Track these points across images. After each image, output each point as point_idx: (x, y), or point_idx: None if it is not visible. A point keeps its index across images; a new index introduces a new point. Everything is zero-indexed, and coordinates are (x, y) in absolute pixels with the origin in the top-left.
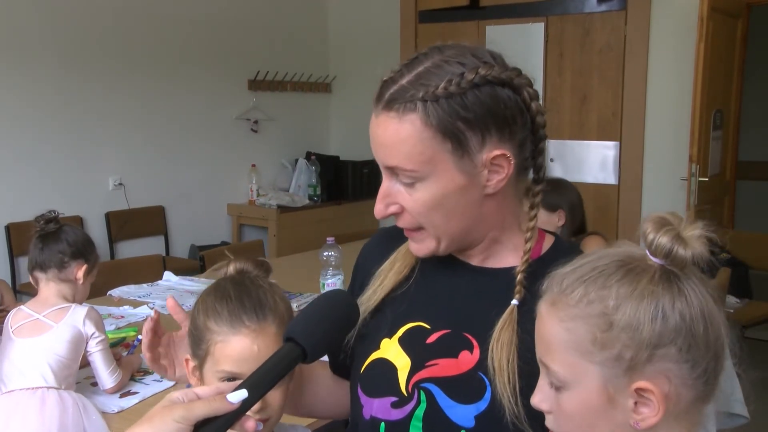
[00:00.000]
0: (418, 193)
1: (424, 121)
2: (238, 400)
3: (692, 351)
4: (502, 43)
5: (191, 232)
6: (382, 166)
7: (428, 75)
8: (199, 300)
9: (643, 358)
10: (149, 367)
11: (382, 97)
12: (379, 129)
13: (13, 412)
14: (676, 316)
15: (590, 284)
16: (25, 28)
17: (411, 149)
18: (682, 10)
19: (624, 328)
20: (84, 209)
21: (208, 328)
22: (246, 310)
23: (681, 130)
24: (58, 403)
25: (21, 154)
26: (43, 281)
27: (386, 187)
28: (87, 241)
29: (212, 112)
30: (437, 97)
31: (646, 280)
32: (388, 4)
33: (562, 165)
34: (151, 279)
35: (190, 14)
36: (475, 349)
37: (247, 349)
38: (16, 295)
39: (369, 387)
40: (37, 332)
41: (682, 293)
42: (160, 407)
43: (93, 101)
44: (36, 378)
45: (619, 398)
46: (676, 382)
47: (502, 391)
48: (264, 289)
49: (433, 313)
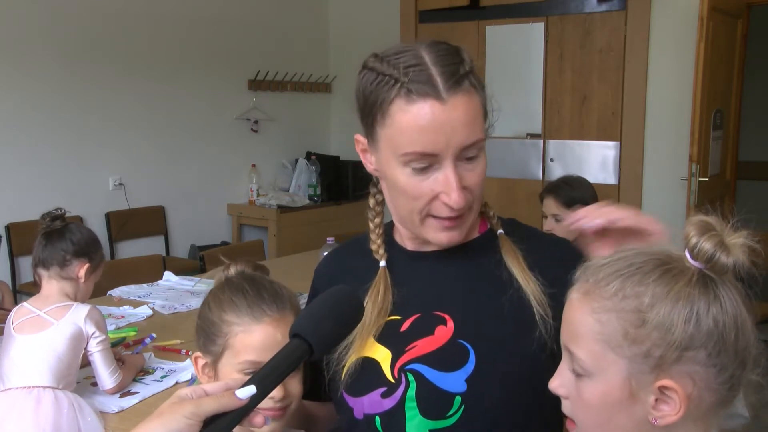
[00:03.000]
0: (479, 165)
1: (475, 88)
2: (246, 395)
3: (721, 356)
4: (502, 43)
5: (191, 232)
6: (456, 149)
7: (449, 54)
8: (210, 297)
9: (672, 358)
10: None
11: (446, 83)
12: (455, 112)
13: (9, 411)
14: (709, 321)
15: (627, 279)
16: (25, 28)
17: (480, 119)
18: (682, 10)
19: (656, 327)
20: (84, 209)
21: (226, 321)
22: (266, 301)
23: (681, 130)
24: (54, 403)
25: (21, 154)
26: (45, 278)
27: (458, 174)
28: (92, 241)
29: (212, 112)
30: (473, 68)
31: (683, 283)
32: (388, 4)
33: (562, 165)
34: (151, 279)
35: (190, 14)
36: (449, 321)
37: (271, 337)
38: (16, 295)
39: (354, 387)
40: (37, 329)
41: (717, 299)
42: (169, 404)
43: (93, 101)
44: (33, 376)
45: (641, 394)
46: (700, 385)
47: (485, 351)
48: (276, 283)
49: (401, 305)
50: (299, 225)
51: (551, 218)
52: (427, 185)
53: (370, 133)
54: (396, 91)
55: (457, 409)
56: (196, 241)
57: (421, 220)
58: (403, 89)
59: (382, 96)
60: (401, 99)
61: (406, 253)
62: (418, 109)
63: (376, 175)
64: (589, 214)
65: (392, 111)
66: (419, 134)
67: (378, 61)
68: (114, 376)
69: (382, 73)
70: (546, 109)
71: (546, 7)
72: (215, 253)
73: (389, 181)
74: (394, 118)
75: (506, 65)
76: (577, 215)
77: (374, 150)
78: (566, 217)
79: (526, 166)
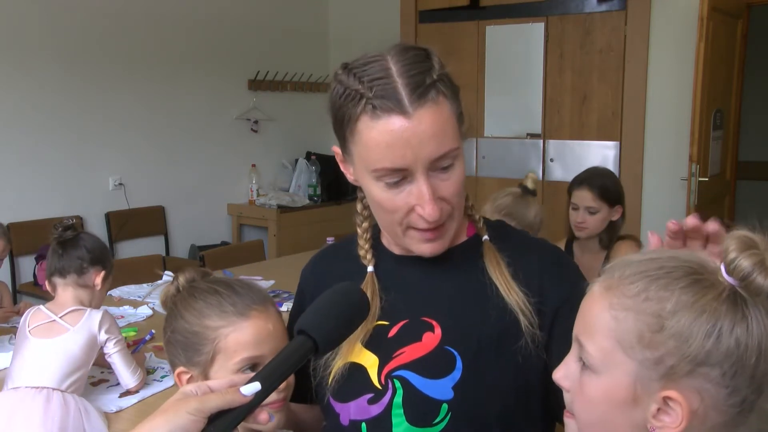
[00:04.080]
0: (455, 173)
1: (444, 95)
2: (251, 392)
3: (736, 378)
4: (502, 43)
5: (191, 232)
6: (426, 162)
7: (416, 63)
8: (179, 309)
9: (684, 370)
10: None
11: (410, 95)
12: (421, 126)
13: (17, 408)
14: (731, 341)
15: (653, 282)
16: (25, 28)
17: (451, 127)
18: (682, 10)
19: (674, 335)
20: (84, 209)
21: (210, 326)
22: (245, 296)
23: (681, 130)
24: (62, 405)
25: (21, 154)
26: (61, 286)
27: (431, 186)
28: (104, 248)
29: (212, 112)
30: (442, 74)
31: (712, 296)
32: (388, 4)
33: (562, 165)
34: (151, 279)
35: (190, 14)
36: (436, 327)
37: (263, 330)
38: (16, 295)
39: (341, 393)
40: (53, 334)
41: (744, 319)
42: (174, 400)
43: (93, 101)
44: (43, 378)
45: (644, 399)
46: (708, 403)
47: (471, 358)
48: (240, 279)
49: (388, 310)
50: (299, 225)
51: (584, 210)
52: (401, 199)
53: (343, 147)
54: (362, 108)
55: (444, 417)
56: (196, 241)
57: (402, 232)
58: (368, 105)
59: (349, 112)
60: (366, 115)
61: (393, 257)
62: (383, 126)
63: (355, 184)
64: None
65: (359, 128)
66: (386, 150)
67: (345, 74)
68: (136, 375)
69: (348, 87)
70: (546, 109)
71: (546, 7)
72: (215, 253)
73: (367, 194)
74: (362, 135)
75: (506, 65)
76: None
77: (350, 163)
78: (601, 209)
79: (526, 166)
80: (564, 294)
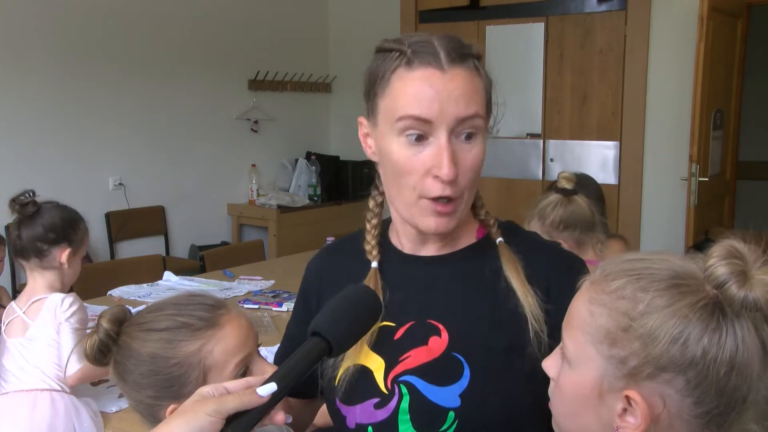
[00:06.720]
0: (476, 147)
1: (479, 72)
2: (267, 393)
3: (700, 389)
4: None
5: (191, 232)
6: (451, 120)
7: (457, 41)
8: (136, 353)
9: (645, 372)
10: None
11: (448, 56)
12: (453, 82)
13: (4, 414)
14: (697, 349)
15: (633, 281)
16: (25, 28)
17: (481, 98)
18: (682, 10)
19: (640, 337)
20: (84, 209)
21: (190, 351)
22: (205, 306)
23: (681, 130)
24: (50, 406)
25: (21, 154)
26: (28, 271)
27: (452, 149)
28: (67, 221)
29: (212, 112)
30: (480, 57)
31: (687, 302)
32: (388, 4)
33: (562, 165)
34: (151, 279)
35: (190, 14)
36: (443, 332)
37: (241, 328)
38: (16, 295)
39: (347, 395)
40: (22, 331)
41: (717, 330)
42: (192, 402)
43: (93, 101)
44: (29, 379)
45: (609, 397)
46: (672, 411)
47: (479, 366)
48: (178, 297)
49: (394, 310)
50: (299, 225)
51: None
52: (419, 160)
53: (372, 109)
54: (398, 62)
55: (451, 424)
56: (196, 241)
57: (414, 200)
58: (404, 59)
59: (385, 67)
60: (402, 68)
61: (400, 255)
62: (417, 74)
63: (374, 159)
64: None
65: (393, 80)
66: (415, 98)
67: (386, 42)
68: (77, 364)
69: (389, 49)
70: (546, 109)
71: (546, 7)
72: (215, 253)
73: (385, 160)
74: (393, 86)
75: (506, 65)
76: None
77: (374, 128)
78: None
79: (526, 166)
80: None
